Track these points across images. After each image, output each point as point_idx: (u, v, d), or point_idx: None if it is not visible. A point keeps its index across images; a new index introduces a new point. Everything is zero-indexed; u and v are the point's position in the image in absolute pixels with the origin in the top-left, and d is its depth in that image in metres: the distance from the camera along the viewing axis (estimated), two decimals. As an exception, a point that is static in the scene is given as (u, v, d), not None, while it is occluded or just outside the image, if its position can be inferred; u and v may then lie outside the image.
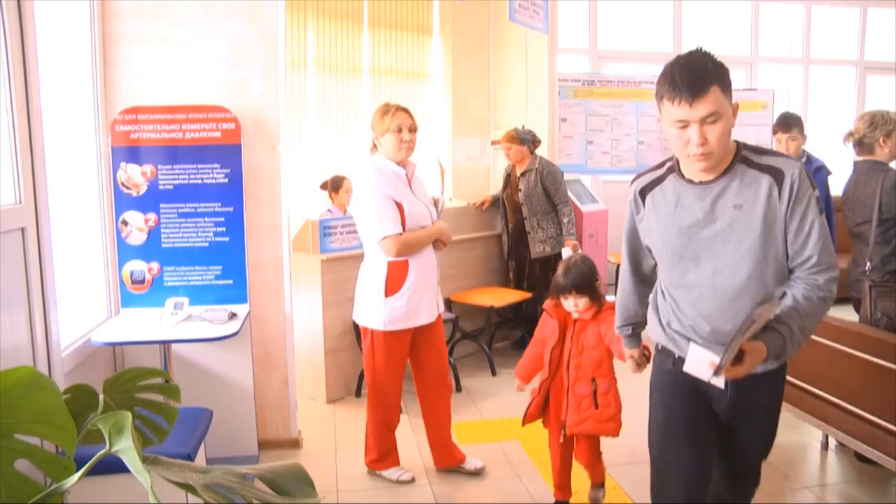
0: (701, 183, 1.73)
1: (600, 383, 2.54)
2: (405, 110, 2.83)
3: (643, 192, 1.87)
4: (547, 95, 5.10)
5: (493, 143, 5.71)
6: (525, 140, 4.58)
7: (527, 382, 2.75)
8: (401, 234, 2.72)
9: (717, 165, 1.69)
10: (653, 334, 1.96)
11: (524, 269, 4.77)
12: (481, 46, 5.85)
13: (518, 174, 4.65)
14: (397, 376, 2.93)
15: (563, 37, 6.33)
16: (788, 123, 4.00)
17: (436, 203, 3.01)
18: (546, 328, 2.68)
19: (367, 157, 2.90)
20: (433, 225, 2.87)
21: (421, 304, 2.83)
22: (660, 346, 1.94)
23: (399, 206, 2.74)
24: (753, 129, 5.86)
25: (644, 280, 2.06)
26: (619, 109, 6.45)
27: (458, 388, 4.08)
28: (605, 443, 2.74)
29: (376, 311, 2.80)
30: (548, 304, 2.66)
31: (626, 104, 6.45)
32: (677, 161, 1.79)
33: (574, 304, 2.53)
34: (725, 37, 7.13)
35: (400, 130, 2.76)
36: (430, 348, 2.96)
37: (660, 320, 1.90)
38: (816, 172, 3.83)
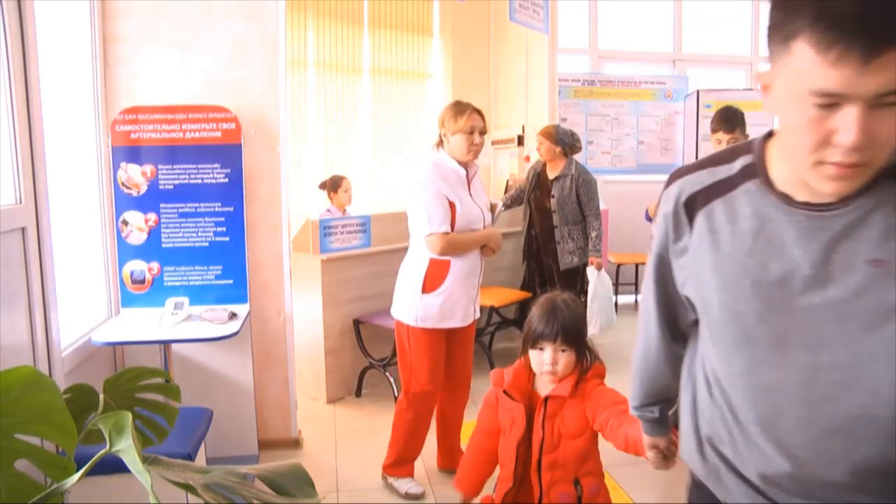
0: (811, 206, 0.95)
1: (587, 485, 1.81)
2: (479, 113, 2.76)
3: (692, 205, 1.08)
4: (547, 95, 5.10)
5: (494, 142, 5.71)
6: (562, 140, 4.34)
7: (474, 495, 1.97)
8: (447, 232, 2.67)
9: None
10: (684, 453, 1.19)
11: (543, 275, 4.59)
12: (481, 46, 5.85)
13: (551, 177, 4.41)
14: (433, 376, 2.79)
15: (563, 37, 6.33)
16: (732, 123, 3.52)
17: (492, 209, 2.95)
18: (501, 413, 1.89)
19: (430, 150, 2.86)
20: (484, 230, 2.80)
21: (457, 306, 2.74)
22: (695, 478, 1.18)
23: (452, 204, 2.68)
24: (753, 129, 5.85)
25: (679, 337, 1.22)
26: (619, 109, 6.46)
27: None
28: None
29: (411, 306, 2.73)
30: (498, 375, 1.90)
31: (626, 104, 6.45)
32: (762, 158, 1.01)
33: (551, 360, 1.78)
34: (725, 37, 7.13)
35: (472, 132, 2.70)
36: (457, 351, 2.90)
37: (697, 432, 1.13)
38: None
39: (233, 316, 2.81)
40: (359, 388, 4.04)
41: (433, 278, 2.71)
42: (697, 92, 5.93)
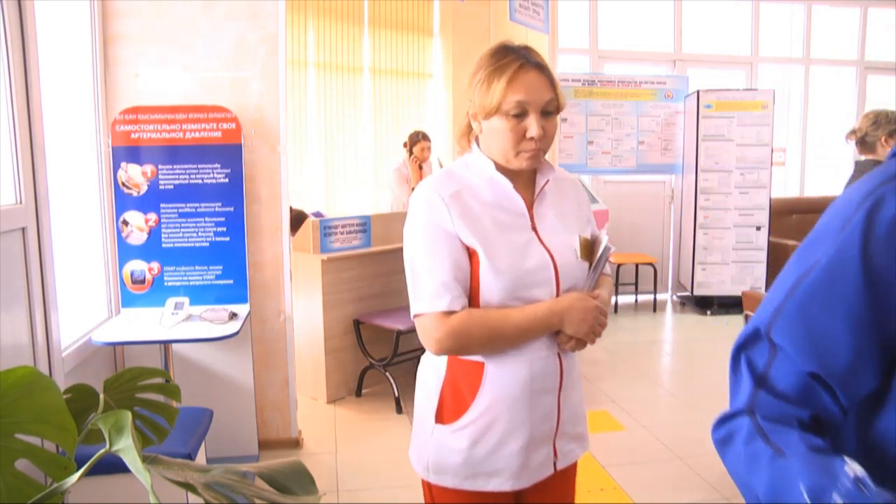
0: None
1: None
2: (543, 70, 1.58)
3: None
4: (547, 95, 5.10)
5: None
6: None
7: None
8: (452, 311, 1.33)
9: None
10: None
11: None
12: (481, 46, 5.83)
13: None
14: None
15: (564, 37, 6.34)
16: None
17: (590, 246, 1.44)
18: None
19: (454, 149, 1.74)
20: (558, 299, 1.36)
21: (505, 450, 1.39)
22: None
23: (471, 252, 1.35)
24: (753, 129, 5.86)
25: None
26: (620, 109, 6.45)
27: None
28: (606, 443, 2.72)
29: (420, 445, 1.49)
30: None
31: (626, 104, 6.45)
32: None
33: None
34: (725, 37, 7.13)
35: (524, 112, 1.49)
36: None
37: None
38: None
39: (233, 316, 2.80)
40: (359, 388, 4.04)
41: (453, 396, 1.41)
42: (697, 92, 5.93)
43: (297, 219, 4.74)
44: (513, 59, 1.33)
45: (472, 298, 1.36)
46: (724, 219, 5.98)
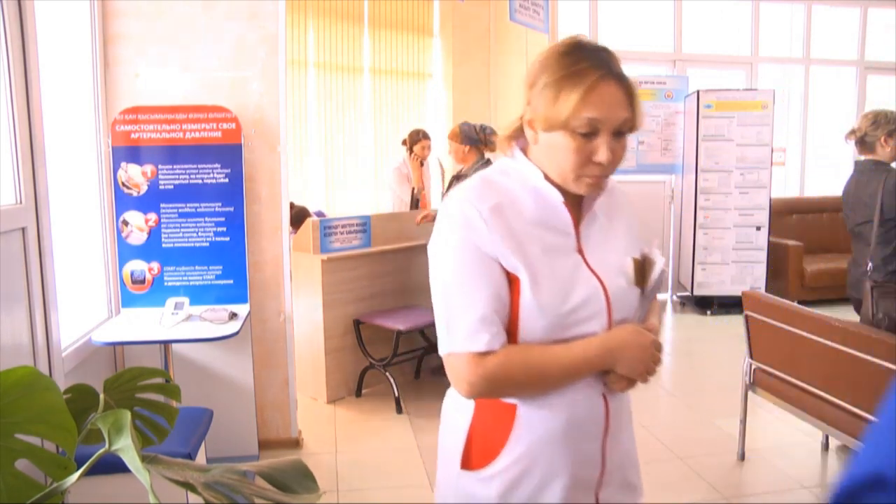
0: None
1: None
2: (622, 82, 1.42)
3: None
4: (547, 95, 5.09)
5: (494, 143, 5.70)
6: (468, 138, 3.88)
7: None
8: (491, 351, 1.13)
9: None
10: None
11: None
12: (481, 46, 5.85)
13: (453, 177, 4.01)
14: None
15: (564, 37, 6.32)
16: None
17: (642, 269, 1.24)
18: None
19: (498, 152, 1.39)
20: (614, 333, 1.17)
21: (540, 502, 1.21)
22: None
23: (513, 278, 1.14)
24: (754, 129, 5.86)
25: None
26: (620, 109, 6.44)
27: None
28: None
29: (445, 488, 1.29)
30: None
31: (626, 104, 6.44)
32: None
33: None
34: (725, 37, 7.14)
35: (595, 131, 1.31)
36: None
37: None
38: None
39: (233, 316, 2.80)
40: (359, 388, 4.04)
41: (482, 440, 1.22)
42: (697, 92, 5.93)
43: (300, 215, 4.74)
44: (591, 68, 1.10)
45: (510, 332, 1.14)
46: (724, 219, 5.98)
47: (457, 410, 1.26)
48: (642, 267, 1.22)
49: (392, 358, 3.83)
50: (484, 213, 1.12)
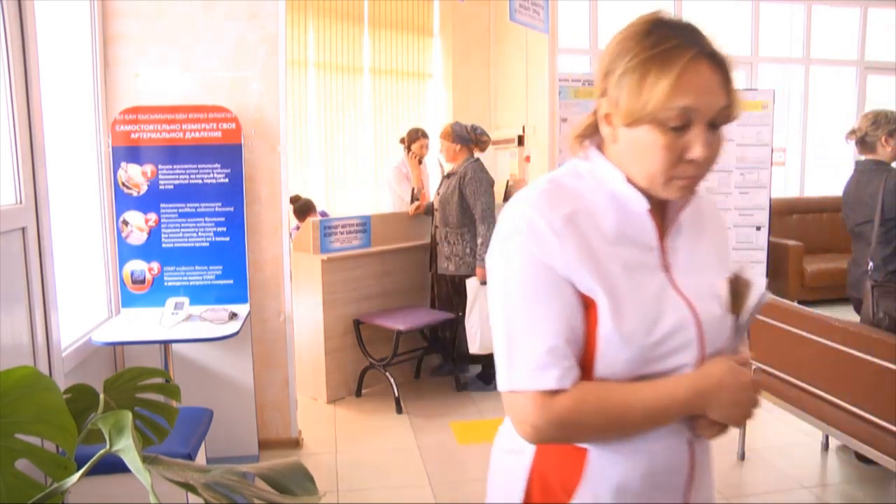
0: None
1: None
2: (717, 64, 1.33)
3: None
4: (547, 95, 5.10)
5: (493, 143, 5.70)
6: (459, 137, 3.99)
7: None
8: (562, 389, 0.94)
9: None
10: None
11: (432, 285, 4.21)
12: (481, 46, 5.85)
13: (445, 175, 4.13)
14: None
15: (564, 37, 6.32)
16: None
17: (737, 288, 1.03)
18: None
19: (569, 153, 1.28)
20: (707, 372, 0.98)
21: None
22: None
23: (589, 302, 0.96)
24: (754, 129, 5.86)
25: None
26: (620, 109, 6.45)
27: (462, 388, 4.08)
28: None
29: None
30: None
31: (626, 104, 6.45)
32: None
33: None
34: (725, 37, 7.13)
35: (687, 124, 1.20)
36: None
37: None
38: None
39: (233, 316, 2.80)
40: (359, 388, 4.04)
41: (543, 490, 1.05)
42: (697, 92, 5.92)
43: (306, 207, 4.74)
44: (681, 46, 0.94)
45: (583, 367, 0.96)
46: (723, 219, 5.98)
47: (511, 451, 1.06)
48: (737, 289, 1.02)
49: (392, 358, 3.83)
50: (556, 225, 0.93)
